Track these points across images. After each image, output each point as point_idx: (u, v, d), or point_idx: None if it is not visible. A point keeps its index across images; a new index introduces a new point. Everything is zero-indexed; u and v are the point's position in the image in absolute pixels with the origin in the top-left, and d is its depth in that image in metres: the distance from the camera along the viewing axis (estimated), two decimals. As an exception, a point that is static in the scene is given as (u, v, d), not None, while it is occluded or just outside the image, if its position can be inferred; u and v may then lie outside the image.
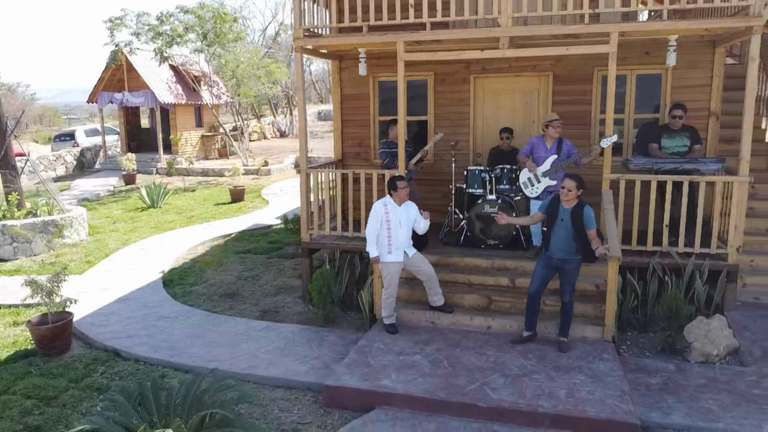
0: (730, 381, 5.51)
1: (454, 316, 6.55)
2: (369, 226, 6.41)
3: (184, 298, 8.16)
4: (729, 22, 6.30)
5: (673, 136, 7.32)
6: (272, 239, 11.14)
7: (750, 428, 4.76)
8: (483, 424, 4.86)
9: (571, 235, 5.73)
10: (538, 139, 7.07)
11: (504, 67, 8.45)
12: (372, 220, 6.39)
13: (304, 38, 7.51)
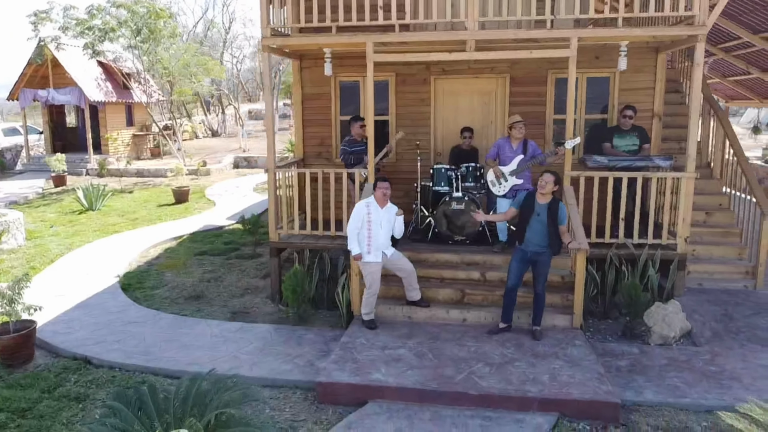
0: (689, 360, 6.01)
1: (430, 310, 6.75)
2: (350, 224, 6.50)
3: (148, 302, 7.93)
4: (677, 31, 6.83)
5: (624, 135, 7.85)
6: (227, 240, 10.97)
7: (713, 401, 5.22)
8: (475, 411, 5.09)
9: (545, 229, 6.06)
10: (503, 140, 7.38)
11: (463, 69, 8.74)
12: (354, 218, 6.49)
13: (272, 37, 7.49)
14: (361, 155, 8.04)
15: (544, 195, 6.07)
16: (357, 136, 8.20)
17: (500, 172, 7.29)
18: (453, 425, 4.89)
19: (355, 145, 8.17)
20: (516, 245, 6.29)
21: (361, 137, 8.14)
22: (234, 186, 17.27)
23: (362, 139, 8.10)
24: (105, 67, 22.19)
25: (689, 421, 5.01)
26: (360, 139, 8.16)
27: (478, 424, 4.91)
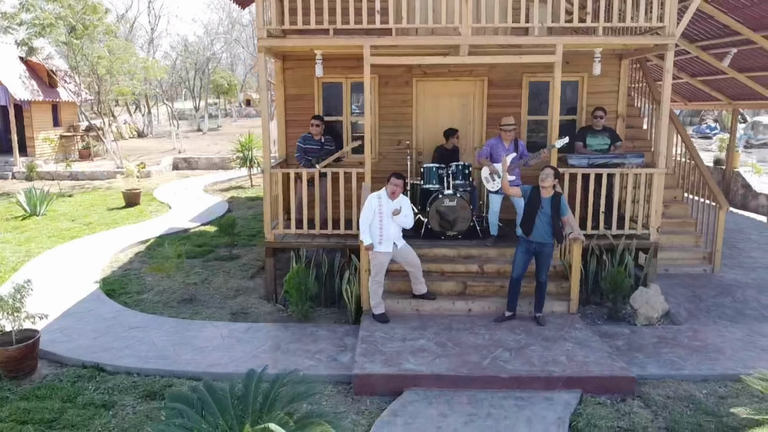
0: (675, 338, 6.67)
1: (437, 303, 7.06)
2: (362, 216, 6.71)
3: (140, 307, 7.73)
4: (650, 40, 7.51)
5: (596, 135, 8.50)
6: (199, 242, 10.77)
7: (706, 371, 5.86)
8: (507, 392, 5.44)
9: (549, 222, 6.52)
10: (496, 140, 7.80)
11: (444, 72, 9.12)
12: (365, 210, 6.70)
13: (268, 39, 7.54)
14: (313, 153, 8.25)
15: (546, 189, 6.52)
16: (314, 134, 8.39)
17: (494, 169, 7.71)
18: (490, 406, 5.23)
19: (309, 142, 8.37)
20: (521, 237, 6.72)
21: (318, 136, 8.35)
22: (182, 188, 16.82)
23: (319, 138, 8.34)
24: (28, 64, 20.86)
25: (691, 390, 5.61)
26: (316, 138, 8.37)
27: (513, 404, 5.27)
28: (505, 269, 7.47)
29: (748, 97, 12.99)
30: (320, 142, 8.43)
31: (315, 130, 8.35)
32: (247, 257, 9.90)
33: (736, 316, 7.29)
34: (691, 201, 9.53)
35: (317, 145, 8.37)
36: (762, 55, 10.31)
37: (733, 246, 9.91)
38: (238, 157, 16.85)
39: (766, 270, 8.79)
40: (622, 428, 4.98)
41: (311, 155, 8.34)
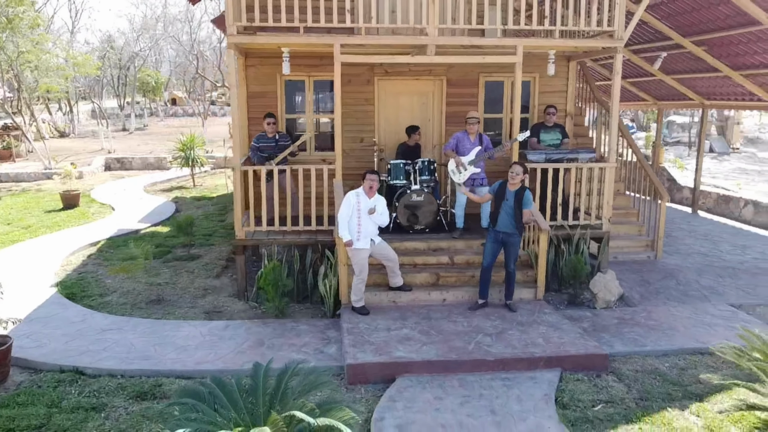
0: (633, 318, 7.22)
1: (413, 294, 7.30)
2: (341, 212, 6.84)
3: (106, 309, 7.51)
4: (601, 42, 8.07)
5: (548, 131, 9.02)
6: (154, 243, 10.48)
7: (666, 347, 6.41)
8: (493, 374, 5.76)
9: (512, 213, 6.89)
10: (462, 134, 8.14)
11: (404, 71, 9.37)
12: (344, 207, 6.84)
13: (238, 35, 7.52)
14: (268, 151, 8.35)
15: (513, 184, 6.90)
16: (268, 132, 8.51)
17: (460, 162, 8.03)
18: (481, 388, 5.52)
19: (262, 140, 8.48)
20: (489, 228, 7.07)
21: (271, 133, 8.47)
22: (120, 189, 16.21)
23: (273, 135, 8.47)
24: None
25: (655, 364, 6.13)
26: (270, 135, 8.48)
27: (501, 384, 5.59)
28: (473, 260, 7.81)
29: (672, 98, 14.04)
30: (275, 139, 8.50)
31: (269, 128, 8.44)
32: (208, 257, 9.77)
33: (682, 297, 7.96)
34: (633, 193, 10.25)
35: (272, 142, 8.44)
36: (689, 59, 11.22)
37: (668, 235, 10.74)
38: (180, 157, 16.43)
39: (700, 255, 9.62)
40: (602, 400, 5.39)
41: (266, 153, 8.40)
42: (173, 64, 45.11)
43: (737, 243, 10.41)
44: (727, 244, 10.32)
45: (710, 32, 9.75)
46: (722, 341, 6.40)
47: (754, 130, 31.56)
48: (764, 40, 9.12)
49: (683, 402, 5.37)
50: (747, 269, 8.93)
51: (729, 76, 10.77)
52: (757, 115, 32.10)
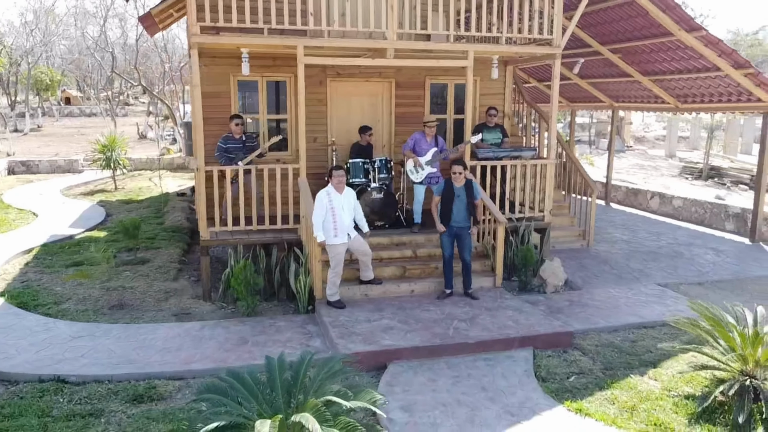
0: (580, 300, 7.97)
1: (383, 287, 7.63)
2: (315, 213, 7.03)
3: (67, 317, 7.22)
4: (542, 49, 8.79)
5: (491, 131, 9.67)
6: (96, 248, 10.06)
7: (615, 323, 7.18)
8: (475, 355, 6.22)
9: (466, 207, 7.42)
10: (419, 135, 8.56)
11: (355, 73, 9.66)
12: (317, 207, 7.03)
13: (202, 35, 7.50)
14: (235, 152, 8.45)
15: (458, 179, 7.42)
16: (234, 133, 8.60)
17: (418, 162, 8.46)
18: (467, 368, 5.96)
19: (229, 141, 8.57)
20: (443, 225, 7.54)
21: (238, 134, 8.58)
22: (35, 193, 15.21)
23: (239, 136, 8.57)
24: None
25: (609, 338, 6.85)
26: (237, 136, 8.59)
27: (484, 364, 6.06)
28: (434, 252, 8.26)
29: (584, 100, 15.31)
30: (241, 140, 8.56)
31: (237, 129, 8.49)
32: (158, 260, 9.54)
33: (617, 279, 8.85)
34: (562, 189, 11.16)
35: (239, 143, 8.50)
36: (604, 64, 12.35)
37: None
38: (100, 159, 15.69)
39: (624, 242, 10.68)
40: (574, 372, 6.01)
41: (233, 154, 8.43)
42: (65, 61, 42.31)
43: (651, 231, 11.62)
44: (643, 232, 11.50)
45: (626, 41, 10.85)
46: (661, 316, 7.33)
47: (639, 129, 34.67)
48: (673, 50, 10.29)
49: (641, 369, 6.09)
50: (665, 253, 10.04)
51: (639, 80, 11.99)
52: (641, 116, 35.27)
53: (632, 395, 5.55)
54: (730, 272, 9.23)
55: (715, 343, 5.54)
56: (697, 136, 29.06)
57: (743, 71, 9.72)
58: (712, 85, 10.79)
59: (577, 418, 5.17)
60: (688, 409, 5.29)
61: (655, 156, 24.70)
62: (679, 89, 11.64)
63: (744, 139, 25.14)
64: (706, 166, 17.43)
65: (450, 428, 4.96)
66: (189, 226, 11.85)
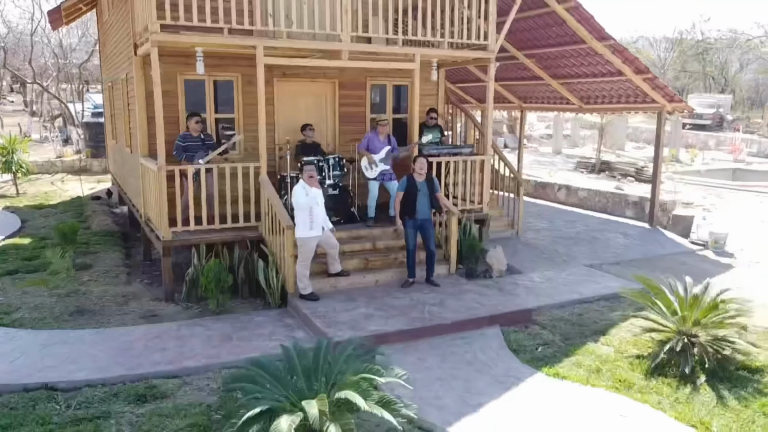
0: (523, 282, 8.76)
1: (350, 278, 7.98)
2: (299, 208, 7.31)
3: (27, 326, 6.87)
4: (478, 53, 9.52)
5: (431, 130, 10.31)
6: (25, 256, 9.48)
7: (559, 300, 8.03)
8: (453, 335, 6.78)
9: (428, 200, 8.00)
10: (373, 134, 8.99)
11: (301, 73, 9.87)
12: (299, 202, 7.29)
13: (162, 33, 7.44)
14: (196, 150, 8.51)
15: (421, 175, 7.99)
16: (193, 131, 8.64)
17: (372, 159, 8.88)
18: (448, 347, 6.51)
19: (188, 140, 8.61)
20: (406, 218, 8.06)
21: (197, 132, 8.63)
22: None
23: (198, 135, 8.62)
24: None
25: (559, 313, 7.68)
26: (196, 135, 8.63)
27: (462, 342, 6.63)
28: (392, 245, 8.72)
29: (497, 101, 16.46)
30: (200, 138, 8.54)
31: (196, 127, 8.47)
32: (100, 265, 9.19)
33: (549, 262, 9.80)
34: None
35: (198, 141, 8.48)
36: (517, 68, 13.43)
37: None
38: (-2, 162, 14.54)
39: (546, 230, 11.76)
40: (540, 344, 6.73)
41: (192, 151, 8.41)
42: None
43: (566, 219, 12.86)
44: (559, 221, 12.70)
45: (542, 47, 11.93)
46: (597, 291, 8.30)
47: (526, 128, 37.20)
48: (583, 56, 11.50)
49: (594, 337, 6.94)
50: (584, 238, 11.22)
51: (549, 83, 13.18)
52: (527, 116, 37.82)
53: (594, 359, 6.35)
54: (639, 252, 10.53)
55: (657, 308, 6.48)
56: (577, 134, 31.82)
57: (642, 76, 11.09)
58: (614, 88, 12.16)
59: (556, 381, 5.88)
60: (642, 366, 6.17)
61: (544, 153, 26.78)
62: (583, 91, 12.96)
63: (617, 137, 28.01)
64: (598, 160, 19.31)
65: (452, 398, 5.47)
66: (119, 229, 11.43)
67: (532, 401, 5.45)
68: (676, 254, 10.61)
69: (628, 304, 7.89)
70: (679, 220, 11.86)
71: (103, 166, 18.24)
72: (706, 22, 62.92)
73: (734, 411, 5.37)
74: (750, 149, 27.65)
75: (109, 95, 13.63)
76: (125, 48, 9.92)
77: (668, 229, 11.96)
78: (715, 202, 15.20)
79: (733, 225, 12.10)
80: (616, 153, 22.04)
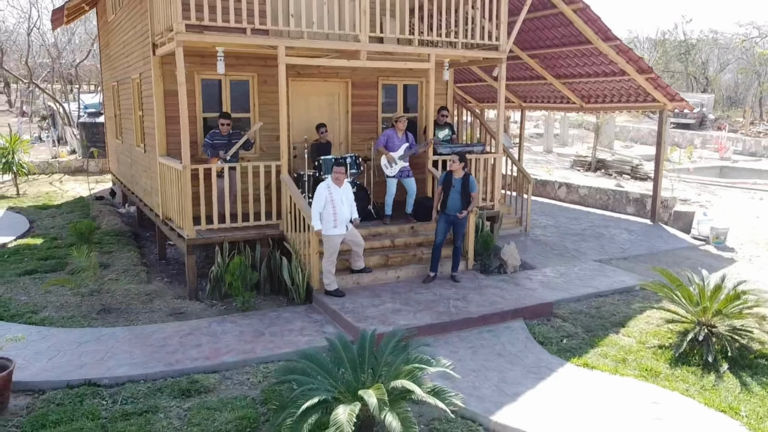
0: (538, 277, 8.96)
1: (373, 275, 8.11)
2: (314, 204, 7.37)
3: (57, 324, 6.91)
4: (490, 53, 9.71)
5: (442, 128, 10.48)
6: (41, 256, 9.47)
7: (573, 291, 8.24)
8: (479, 328, 6.94)
9: (460, 197, 8.16)
10: (391, 131, 9.13)
11: (314, 73, 9.98)
12: (317, 199, 7.38)
13: (187, 33, 7.51)
14: (221, 148, 8.63)
15: (456, 171, 8.16)
16: (222, 131, 8.76)
17: (391, 158, 9.03)
18: (477, 340, 6.67)
19: (216, 138, 8.72)
20: (439, 212, 8.22)
21: (226, 132, 8.75)
22: None
23: (227, 134, 8.75)
24: None
25: (577, 306, 7.89)
26: (224, 134, 8.75)
27: (489, 335, 6.80)
28: (410, 241, 8.88)
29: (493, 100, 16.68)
30: (228, 136, 8.66)
31: (224, 128, 8.64)
32: (117, 264, 9.21)
33: (559, 258, 10.01)
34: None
35: (225, 140, 8.60)
36: (520, 68, 13.65)
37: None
38: (-1, 162, 14.42)
39: (552, 227, 11.99)
40: (564, 335, 6.93)
41: (219, 149, 8.53)
42: None
43: (569, 216, 13.10)
44: (562, 218, 12.94)
45: (546, 48, 12.16)
46: (610, 285, 8.52)
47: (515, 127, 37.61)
48: (587, 56, 11.75)
49: (614, 329, 7.16)
50: (590, 234, 11.46)
51: (551, 83, 13.42)
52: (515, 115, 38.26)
53: (618, 350, 6.56)
54: (645, 248, 10.80)
55: (678, 299, 6.71)
56: (566, 133, 32.28)
57: (645, 75, 11.37)
58: (616, 88, 12.43)
59: (586, 370, 6.07)
60: (665, 356, 6.39)
61: (536, 151, 27.14)
62: (585, 90, 13.22)
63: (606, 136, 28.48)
64: (594, 159, 19.65)
65: (489, 388, 5.63)
66: (129, 229, 11.44)
67: (567, 390, 5.63)
68: (679, 249, 10.90)
69: (642, 297, 8.17)
70: (680, 216, 12.17)
71: (99, 166, 18.14)
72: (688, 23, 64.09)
73: (759, 396, 5.61)
74: (735, 147, 28.29)
75: (112, 95, 13.60)
76: (138, 47, 9.95)
77: (669, 225, 12.26)
78: (710, 199, 15.59)
79: (729, 221, 12.44)
80: (611, 151, 22.40)
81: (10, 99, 37.08)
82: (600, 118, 20.23)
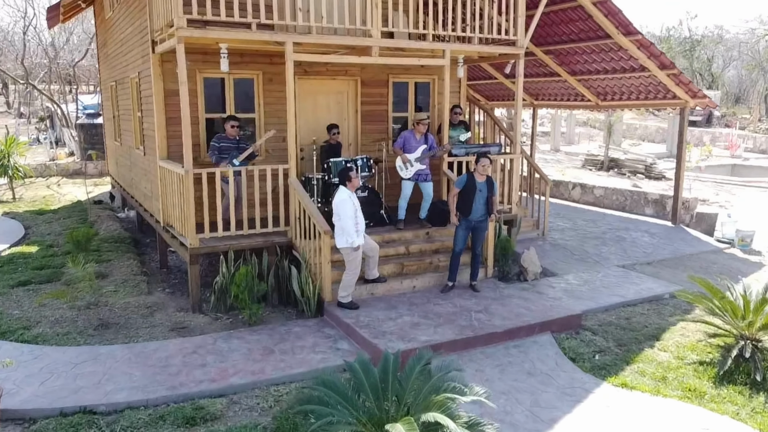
0: (562, 284, 8.47)
1: (387, 284, 7.62)
2: (345, 219, 6.88)
3: (50, 342, 6.43)
4: (508, 49, 9.21)
5: (455, 128, 9.98)
6: (35, 265, 8.99)
7: (602, 303, 7.76)
8: (504, 344, 6.46)
9: (485, 201, 7.67)
10: (409, 133, 8.65)
11: (322, 71, 9.49)
12: (346, 212, 6.89)
13: (189, 28, 7.02)
14: (229, 151, 8.16)
15: (482, 174, 7.66)
16: (229, 134, 8.30)
17: (407, 159, 8.54)
18: (503, 356, 6.19)
19: (223, 141, 8.26)
20: (460, 218, 7.72)
21: (232, 135, 8.29)
22: None
23: (234, 137, 8.26)
24: None
25: (606, 317, 7.40)
26: (231, 137, 8.29)
27: (516, 351, 6.32)
28: (425, 248, 8.39)
29: (502, 98, 16.23)
30: (236, 140, 8.20)
31: (232, 131, 8.18)
32: (117, 273, 8.73)
33: (580, 263, 9.52)
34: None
35: (232, 143, 8.13)
36: (533, 65, 13.15)
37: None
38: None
39: (570, 230, 11.50)
40: (596, 351, 6.44)
41: (226, 153, 8.06)
42: None
43: (586, 218, 12.61)
44: (579, 220, 12.45)
45: (562, 43, 11.66)
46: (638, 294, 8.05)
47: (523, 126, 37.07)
48: (605, 52, 11.24)
49: (648, 342, 6.67)
50: (610, 238, 10.97)
51: (566, 80, 12.92)
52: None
53: (655, 366, 6.08)
54: (668, 252, 10.31)
55: (720, 311, 6.23)
56: (572, 132, 31.76)
57: (667, 71, 10.87)
58: (634, 84, 11.93)
59: (625, 391, 5.59)
60: (708, 374, 5.91)
61: (543, 150, 26.63)
62: (601, 87, 12.72)
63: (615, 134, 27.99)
64: (607, 158, 19.14)
65: (523, 413, 5.15)
66: (129, 235, 10.96)
67: (607, 415, 5.16)
68: (705, 253, 10.41)
69: (673, 306, 7.69)
70: (702, 217, 11.68)
71: (98, 168, 17.68)
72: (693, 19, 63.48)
73: (818, 420, 5.13)
74: (746, 145, 27.77)
75: (111, 95, 13.11)
76: (137, 45, 9.47)
77: (691, 227, 11.76)
78: (729, 199, 15.09)
79: (754, 223, 11.94)
80: (623, 150, 21.90)
81: (8, 100, 36.62)
82: (614, 116, 19.71)
